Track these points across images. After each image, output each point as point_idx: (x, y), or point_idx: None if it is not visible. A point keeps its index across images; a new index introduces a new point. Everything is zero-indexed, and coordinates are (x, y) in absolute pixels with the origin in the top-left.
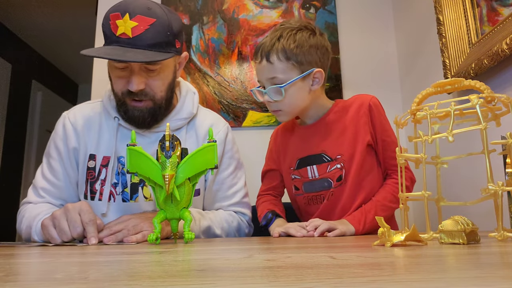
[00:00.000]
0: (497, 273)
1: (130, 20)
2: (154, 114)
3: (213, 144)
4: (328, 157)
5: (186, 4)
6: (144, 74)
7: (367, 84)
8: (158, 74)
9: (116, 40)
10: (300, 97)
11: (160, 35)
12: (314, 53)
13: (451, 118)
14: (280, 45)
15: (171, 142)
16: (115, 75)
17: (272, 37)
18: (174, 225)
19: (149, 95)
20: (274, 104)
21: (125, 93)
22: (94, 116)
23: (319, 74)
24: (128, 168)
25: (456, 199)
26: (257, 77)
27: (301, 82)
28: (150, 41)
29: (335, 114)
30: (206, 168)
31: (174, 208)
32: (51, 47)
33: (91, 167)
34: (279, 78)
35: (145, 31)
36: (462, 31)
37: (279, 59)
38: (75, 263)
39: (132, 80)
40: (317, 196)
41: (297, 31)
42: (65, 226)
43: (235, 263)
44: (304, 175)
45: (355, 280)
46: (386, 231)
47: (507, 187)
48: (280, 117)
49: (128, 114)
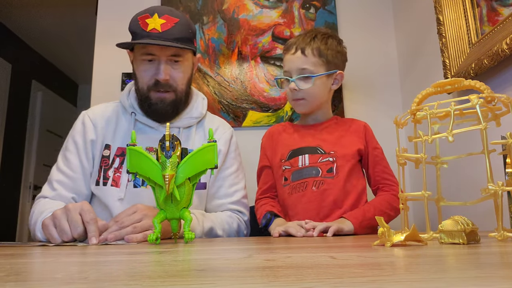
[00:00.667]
0: (497, 273)
1: (159, 18)
2: (175, 106)
3: (213, 144)
4: (323, 150)
5: (186, 4)
6: (169, 67)
7: (367, 84)
8: (180, 67)
9: (146, 35)
10: (322, 91)
11: (184, 31)
12: (339, 58)
13: (451, 118)
14: (315, 44)
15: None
16: (142, 69)
17: (307, 36)
18: (174, 225)
19: (172, 86)
20: (299, 93)
21: (151, 86)
22: (111, 113)
23: (340, 76)
24: (128, 168)
25: (456, 199)
26: (284, 67)
27: (326, 79)
28: (177, 36)
29: (335, 123)
30: (206, 168)
31: (174, 208)
32: (51, 47)
33: (105, 155)
34: (309, 70)
35: (172, 27)
36: (462, 31)
37: (313, 54)
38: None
39: (160, 70)
40: (300, 184)
41: (328, 36)
42: (66, 226)
43: (235, 263)
44: (294, 164)
45: (355, 280)
46: (386, 231)
47: (507, 187)
48: (300, 106)
49: (152, 107)
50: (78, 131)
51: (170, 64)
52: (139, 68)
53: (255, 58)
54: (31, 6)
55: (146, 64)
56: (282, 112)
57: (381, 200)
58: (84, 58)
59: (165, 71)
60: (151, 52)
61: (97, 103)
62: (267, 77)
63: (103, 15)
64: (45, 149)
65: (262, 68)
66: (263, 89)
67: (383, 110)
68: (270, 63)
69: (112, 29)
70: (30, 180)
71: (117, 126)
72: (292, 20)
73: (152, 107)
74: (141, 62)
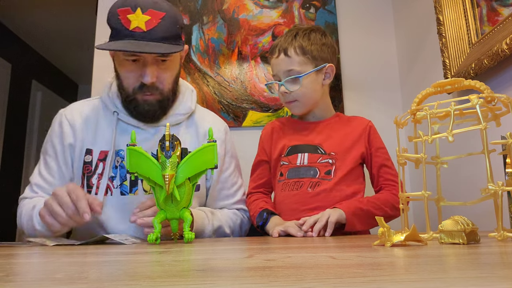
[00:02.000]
0: (497, 273)
1: (143, 14)
2: (162, 106)
3: (213, 144)
4: (323, 150)
5: (186, 4)
6: (155, 67)
7: (367, 84)
8: (168, 67)
9: (130, 34)
10: (314, 89)
11: (171, 28)
12: (326, 51)
13: (451, 118)
14: (297, 42)
15: (171, 142)
16: (125, 70)
17: (288, 36)
18: (174, 225)
19: (159, 88)
20: (290, 95)
21: (136, 88)
22: (91, 112)
23: (330, 69)
24: (128, 168)
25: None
26: (273, 71)
27: (315, 75)
28: (164, 34)
29: (337, 122)
30: (206, 168)
31: (174, 208)
32: (51, 47)
33: (87, 161)
34: (296, 70)
35: (158, 24)
36: (462, 31)
37: (296, 53)
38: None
39: (146, 72)
40: (296, 182)
41: (310, 31)
42: (58, 209)
43: (235, 263)
44: (292, 161)
45: (355, 280)
46: (386, 231)
47: (507, 187)
48: (294, 108)
49: (139, 109)
50: (55, 133)
51: (156, 64)
52: (122, 68)
53: (255, 58)
54: (31, 6)
55: (130, 65)
56: (282, 112)
57: (379, 196)
58: (84, 58)
59: (152, 73)
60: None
61: None
62: (267, 77)
63: (103, 15)
64: None
65: (262, 68)
66: (263, 89)
67: (383, 110)
68: (270, 63)
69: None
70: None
71: (97, 127)
72: (292, 20)
73: (138, 108)
74: (124, 62)
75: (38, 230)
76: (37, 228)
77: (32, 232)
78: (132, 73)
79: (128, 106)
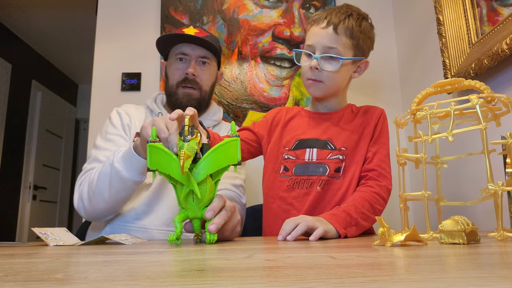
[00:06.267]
0: (497, 273)
1: (194, 29)
2: (199, 104)
3: (236, 138)
4: (333, 145)
5: (186, 4)
6: (197, 67)
7: (367, 84)
8: (207, 69)
9: (182, 36)
10: (344, 77)
11: (213, 41)
12: (369, 44)
13: (451, 118)
14: (350, 23)
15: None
16: (174, 67)
17: (340, 12)
18: (196, 225)
19: (199, 84)
20: (320, 74)
21: (179, 81)
22: (140, 114)
23: (365, 65)
24: (149, 166)
25: (456, 199)
26: (308, 41)
27: (351, 65)
28: (208, 42)
29: (349, 113)
30: (229, 164)
31: (196, 206)
32: (51, 47)
33: None
34: (337, 50)
35: (204, 36)
36: (462, 31)
37: (346, 34)
38: (75, 263)
39: (190, 67)
40: (306, 180)
41: (362, 18)
42: (163, 126)
43: (235, 263)
44: (300, 157)
45: (355, 280)
46: (386, 231)
47: (507, 187)
48: (315, 88)
49: (178, 102)
50: (115, 117)
51: (198, 65)
52: (172, 67)
53: (255, 58)
54: (31, 6)
55: (178, 63)
56: None
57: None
58: (84, 58)
59: (194, 68)
60: (184, 52)
61: (97, 103)
62: (267, 77)
63: (103, 15)
64: (44, 149)
65: (262, 68)
66: (263, 89)
67: None
68: (270, 63)
69: (112, 28)
70: (29, 180)
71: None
72: (292, 20)
73: (178, 102)
74: (174, 61)
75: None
76: (116, 166)
77: (103, 190)
78: (178, 70)
79: (170, 101)
